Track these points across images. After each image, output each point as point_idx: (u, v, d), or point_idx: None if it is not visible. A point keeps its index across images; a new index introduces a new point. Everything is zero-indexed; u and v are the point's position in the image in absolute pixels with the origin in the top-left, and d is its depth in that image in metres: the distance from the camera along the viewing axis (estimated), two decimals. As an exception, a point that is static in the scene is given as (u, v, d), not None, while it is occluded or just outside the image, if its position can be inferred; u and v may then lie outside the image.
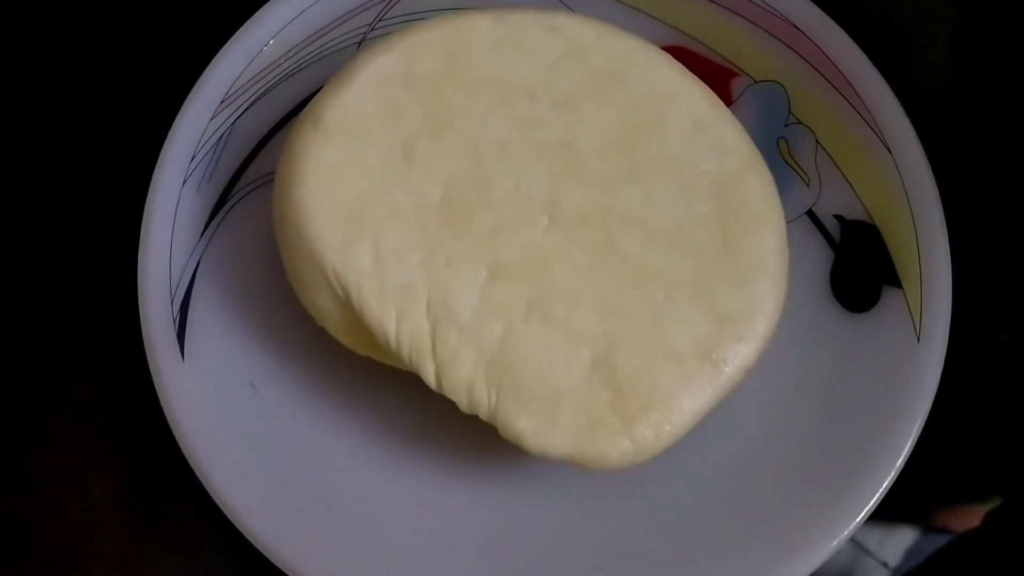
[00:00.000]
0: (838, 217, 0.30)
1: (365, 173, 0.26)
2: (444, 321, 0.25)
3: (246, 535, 0.26)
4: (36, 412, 0.29)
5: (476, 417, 0.26)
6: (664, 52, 0.28)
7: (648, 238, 0.26)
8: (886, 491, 0.27)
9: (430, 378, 0.25)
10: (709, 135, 0.27)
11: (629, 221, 0.26)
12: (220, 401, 0.27)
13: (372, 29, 0.31)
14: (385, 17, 0.31)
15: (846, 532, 0.26)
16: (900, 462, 0.27)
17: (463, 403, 0.25)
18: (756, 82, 0.31)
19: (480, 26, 0.27)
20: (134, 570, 0.28)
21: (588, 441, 0.25)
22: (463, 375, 0.25)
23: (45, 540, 0.28)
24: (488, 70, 0.27)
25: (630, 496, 0.28)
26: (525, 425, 0.25)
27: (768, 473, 0.28)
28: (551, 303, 0.26)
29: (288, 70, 0.30)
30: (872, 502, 0.27)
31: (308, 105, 0.27)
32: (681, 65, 0.28)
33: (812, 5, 0.31)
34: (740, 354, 0.26)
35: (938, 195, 0.29)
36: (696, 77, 0.28)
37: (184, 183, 0.29)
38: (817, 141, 0.30)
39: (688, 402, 0.25)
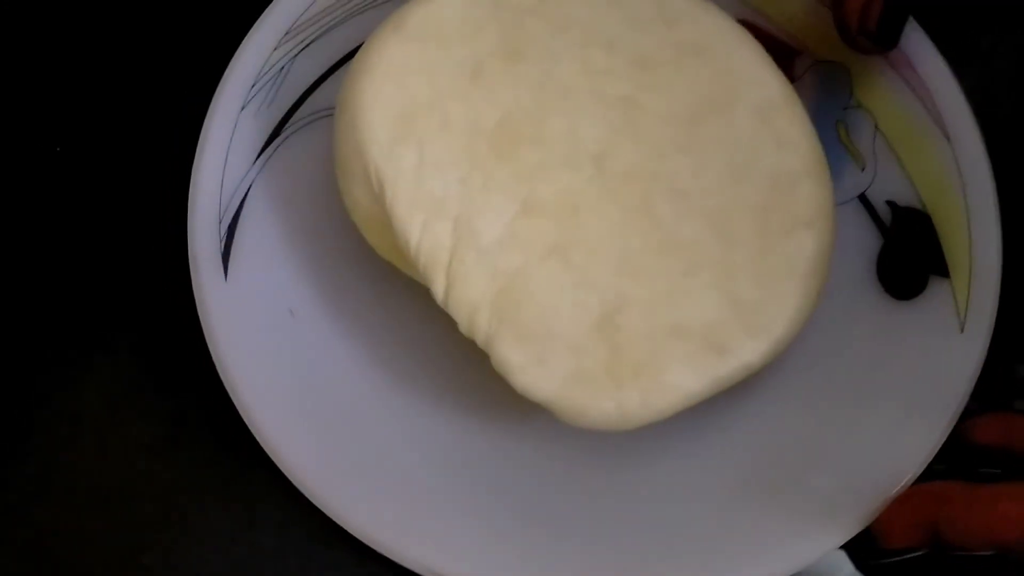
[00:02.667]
0: (890, 203, 0.30)
1: (430, 80, 0.26)
2: (466, 241, 0.25)
3: (267, 450, 0.27)
4: (81, 349, 0.30)
5: (474, 343, 0.26)
6: (750, 35, 0.28)
7: (686, 211, 0.26)
8: (913, 480, 0.26)
9: (439, 293, 0.26)
10: (774, 126, 0.27)
11: (672, 190, 0.26)
12: (258, 321, 0.28)
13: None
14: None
15: (860, 524, 0.26)
16: (931, 450, 0.26)
17: (463, 324, 0.26)
18: (820, 61, 0.31)
19: None
20: (178, 511, 0.29)
21: (572, 391, 0.25)
22: (471, 298, 0.25)
23: (90, 481, 0.29)
24: (575, 13, 0.27)
25: (654, 461, 0.28)
26: (515, 360, 0.25)
27: (800, 450, 0.28)
28: (573, 249, 0.26)
29: (352, 10, 0.31)
30: (901, 486, 0.26)
31: (397, 8, 0.27)
32: (764, 51, 0.27)
33: None
34: (747, 349, 0.25)
35: (995, 189, 0.28)
36: (776, 66, 0.27)
37: (243, 108, 0.29)
38: (876, 126, 0.30)
39: (683, 381, 0.25)
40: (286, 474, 0.27)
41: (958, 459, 0.27)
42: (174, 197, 0.29)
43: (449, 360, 0.28)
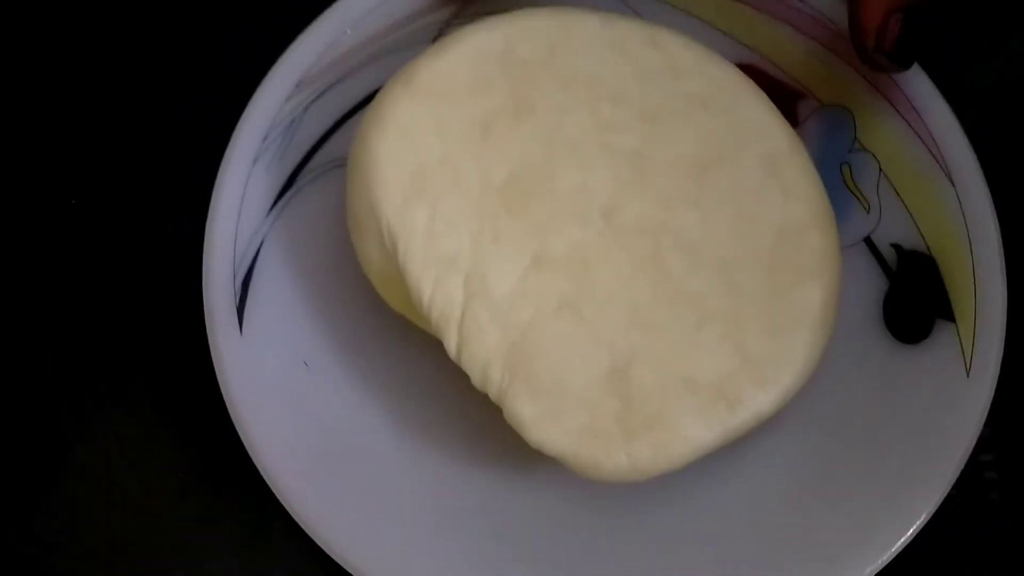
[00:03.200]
0: (896, 246, 0.30)
1: (441, 138, 0.27)
2: (478, 296, 0.26)
3: (282, 501, 0.27)
4: (99, 400, 0.30)
5: (487, 396, 0.26)
6: (756, 86, 0.28)
7: (695, 263, 0.26)
8: (922, 525, 0.27)
9: (452, 348, 0.26)
10: (782, 178, 0.27)
11: (681, 243, 0.26)
12: (273, 374, 0.28)
13: (448, 26, 0.32)
14: (462, 14, 0.32)
15: (876, 565, 0.26)
16: (940, 495, 0.27)
17: (476, 378, 0.26)
18: (823, 105, 0.31)
19: (586, 24, 0.28)
20: (196, 563, 0.29)
21: (585, 445, 0.25)
22: (483, 352, 0.26)
23: (110, 533, 0.29)
24: (584, 68, 0.27)
25: (661, 507, 0.29)
26: (528, 413, 0.25)
27: (807, 497, 0.28)
28: (584, 303, 0.26)
29: (363, 60, 0.31)
30: (908, 535, 0.27)
31: (405, 65, 0.28)
32: (770, 101, 0.28)
33: None
34: (759, 400, 0.26)
35: (999, 233, 0.29)
36: (782, 116, 0.28)
37: (255, 161, 0.29)
38: (880, 169, 0.30)
39: (695, 433, 0.25)
40: (302, 525, 0.27)
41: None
42: (187, 249, 0.29)
43: (462, 411, 0.29)
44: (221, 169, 0.29)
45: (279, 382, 0.28)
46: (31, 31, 0.33)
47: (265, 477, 0.27)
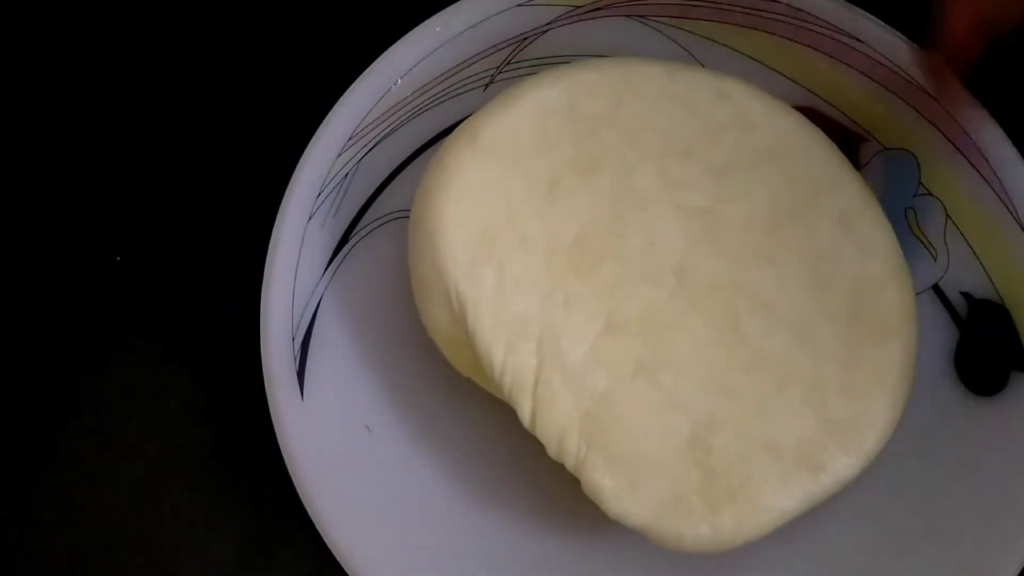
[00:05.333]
0: (965, 294, 0.29)
1: (507, 197, 0.26)
2: (551, 362, 0.25)
3: (348, 571, 0.26)
4: (155, 476, 0.30)
5: (562, 466, 0.25)
6: (826, 137, 0.27)
7: (773, 324, 0.26)
8: None
9: (525, 416, 0.25)
10: (856, 233, 0.26)
11: (757, 303, 0.26)
12: (335, 439, 0.27)
13: (499, 72, 0.31)
14: (513, 61, 0.31)
15: None
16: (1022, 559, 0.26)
17: (552, 448, 0.25)
18: (886, 149, 0.30)
19: (651, 77, 0.27)
20: None
21: (667, 517, 0.25)
22: (558, 421, 0.25)
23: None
24: (650, 122, 0.27)
25: (733, 567, 0.28)
26: (608, 485, 0.25)
27: (886, 563, 0.27)
28: (660, 368, 0.25)
29: (415, 110, 0.30)
30: None
31: (466, 120, 0.27)
32: (841, 153, 0.27)
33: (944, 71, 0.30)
34: (842, 465, 0.25)
35: None
36: (854, 168, 0.27)
37: (310, 218, 0.29)
38: (947, 214, 0.30)
39: (778, 502, 0.25)
40: None
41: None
42: (244, 312, 0.28)
43: (530, 476, 0.28)
44: (275, 230, 0.28)
45: (342, 448, 0.27)
46: (35, 43, 0.33)
47: (330, 546, 0.27)
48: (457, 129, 0.27)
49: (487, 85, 0.31)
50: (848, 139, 0.30)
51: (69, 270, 0.31)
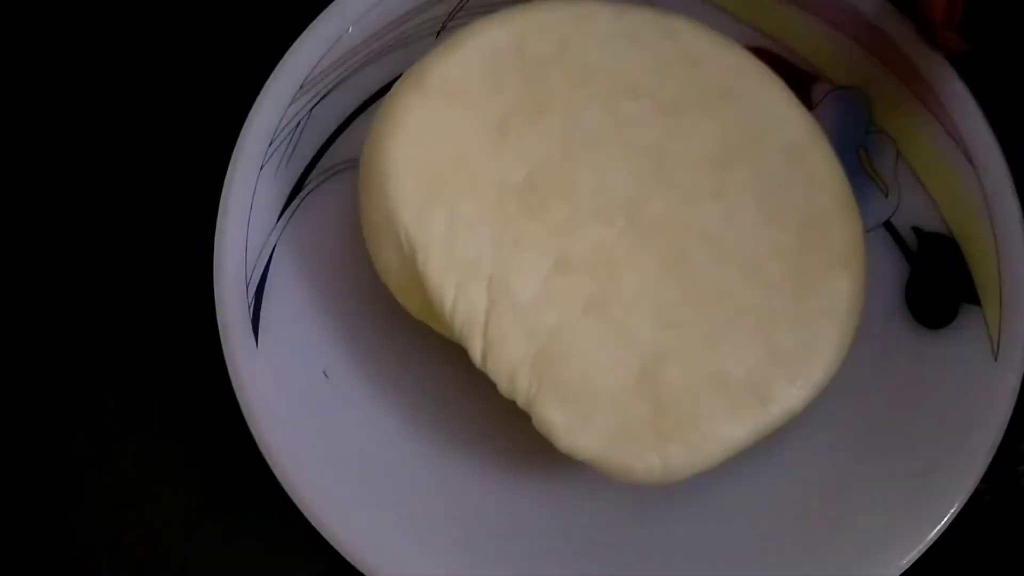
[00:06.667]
0: (916, 229, 0.30)
1: (456, 140, 0.26)
2: (501, 301, 0.25)
3: (312, 522, 0.26)
4: (113, 420, 0.30)
5: (514, 403, 0.26)
6: (774, 73, 0.27)
7: (721, 259, 0.26)
8: (954, 516, 0.26)
9: (476, 355, 0.26)
10: (804, 167, 0.26)
11: (706, 238, 0.26)
12: (292, 385, 0.27)
13: (451, 19, 0.31)
14: (465, 7, 0.31)
15: (911, 555, 0.26)
16: (971, 485, 0.27)
17: (503, 386, 0.25)
18: (837, 87, 0.31)
19: (599, 16, 0.27)
20: None
21: (617, 449, 0.25)
22: (509, 358, 0.25)
23: (130, 557, 0.29)
24: (599, 61, 0.27)
25: (683, 504, 0.28)
26: (558, 420, 0.25)
27: (836, 491, 0.27)
28: (610, 304, 0.25)
29: (366, 57, 0.30)
30: (939, 527, 0.26)
31: (414, 64, 0.27)
32: (789, 89, 0.27)
33: (896, 10, 0.30)
34: (789, 396, 0.25)
35: (1021, 212, 0.28)
36: (802, 104, 0.27)
37: (262, 167, 0.29)
38: (898, 151, 0.30)
39: (727, 432, 0.25)
40: (328, 539, 0.27)
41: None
42: (197, 261, 0.28)
43: (486, 417, 0.28)
44: (227, 177, 0.28)
45: (299, 393, 0.28)
46: (31, 35, 0.32)
47: (288, 491, 0.27)
48: (405, 73, 0.27)
49: (439, 32, 0.31)
50: (799, 79, 0.30)
51: (75, 288, 0.31)
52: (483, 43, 0.27)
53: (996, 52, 0.32)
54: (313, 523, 0.27)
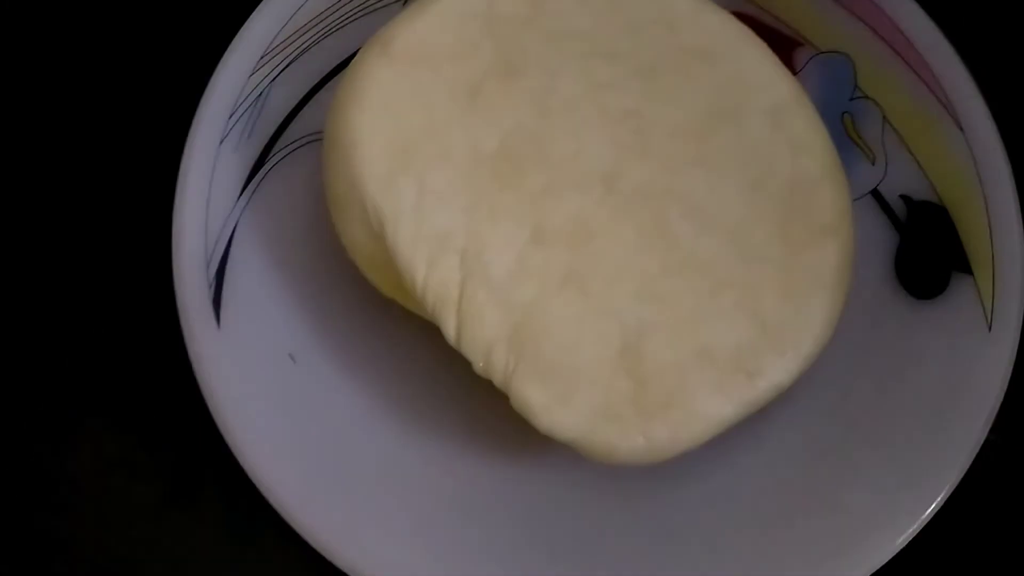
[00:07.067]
0: (905, 197, 0.29)
1: (425, 106, 0.25)
2: (476, 275, 0.24)
3: (280, 512, 0.25)
4: (69, 411, 0.28)
5: (490, 382, 0.24)
6: (755, 35, 0.26)
7: (704, 228, 0.25)
8: (952, 490, 0.26)
9: (450, 332, 0.24)
10: (788, 131, 0.25)
11: (688, 207, 0.25)
12: (256, 370, 0.26)
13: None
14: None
15: (906, 535, 0.25)
16: (967, 458, 0.26)
17: (479, 365, 0.24)
18: (820, 52, 0.29)
19: None
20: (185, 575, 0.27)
21: (600, 428, 0.24)
22: (484, 335, 0.24)
23: (91, 551, 0.27)
24: (573, 23, 0.25)
25: (668, 483, 0.27)
26: (537, 399, 0.24)
27: (829, 467, 0.27)
28: (589, 276, 0.24)
29: (331, 26, 0.29)
30: (936, 502, 0.25)
31: (381, 28, 0.26)
32: (771, 51, 0.26)
33: None
34: (778, 370, 0.24)
35: (1012, 176, 0.27)
36: (784, 67, 0.26)
37: (222, 141, 0.27)
38: (884, 117, 0.29)
39: (713, 409, 0.24)
40: (296, 529, 0.25)
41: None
42: (156, 242, 0.27)
43: (463, 399, 0.27)
44: (185, 153, 0.27)
45: (263, 378, 0.26)
46: None
47: (254, 480, 0.25)
48: (370, 38, 0.26)
49: (406, 0, 0.29)
50: (781, 44, 0.29)
51: (29, 275, 0.30)
52: (451, 5, 0.25)
53: (980, 8, 0.32)
54: (282, 514, 0.25)
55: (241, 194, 0.27)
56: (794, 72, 0.29)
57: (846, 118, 0.29)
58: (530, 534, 0.26)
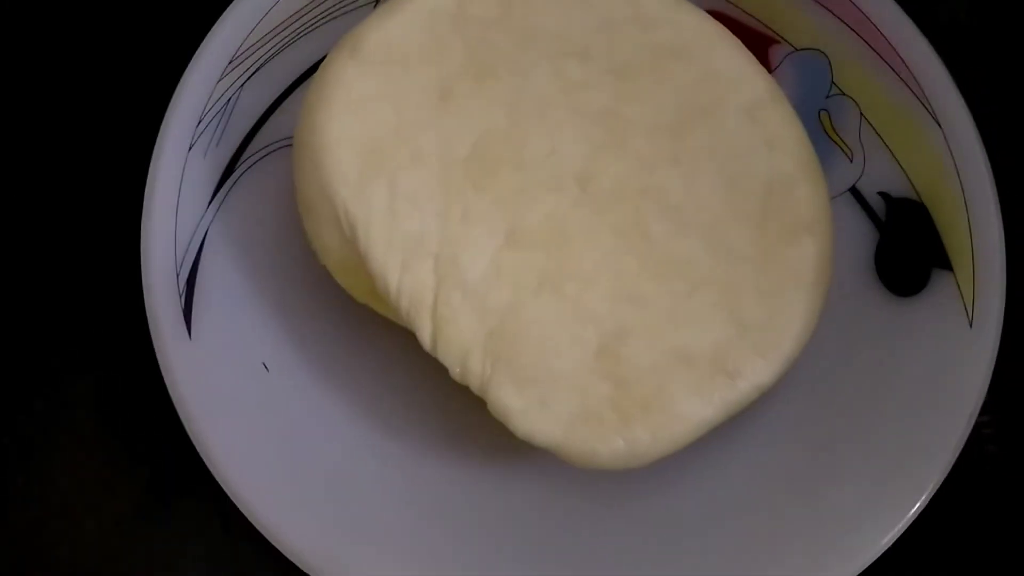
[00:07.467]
0: (883, 194, 0.28)
1: (396, 109, 0.24)
2: (450, 279, 0.24)
3: (255, 524, 0.25)
4: (40, 422, 0.28)
5: (467, 389, 0.24)
6: (729, 32, 0.26)
7: (681, 227, 0.24)
8: (936, 489, 0.25)
9: (425, 338, 0.24)
10: (764, 128, 0.25)
11: (664, 206, 0.25)
12: (229, 381, 0.26)
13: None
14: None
15: (891, 534, 0.25)
16: (951, 456, 0.25)
17: (455, 371, 0.24)
18: (796, 50, 0.29)
19: None
20: None
21: (579, 433, 0.23)
22: (460, 341, 0.24)
23: (66, 567, 0.27)
24: (544, 23, 0.25)
25: (650, 486, 0.27)
26: (515, 404, 0.23)
27: (812, 468, 0.26)
28: (566, 279, 0.24)
29: (299, 31, 0.28)
30: (922, 499, 0.25)
31: (351, 30, 0.25)
32: (745, 48, 0.26)
33: None
34: (758, 370, 0.24)
35: (991, 172, 0.27)
36: (759, 63, 0.26)
37: (190, 148, 0.27)
38: (861, 113, 0.29)
39: (694, 411, 0.24)
40: (272, 540, 0.25)
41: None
42: (123, 250, 0.26)
43: (439, 405, 0.27)
44: (153, 161, 0.26)
45: (236, 388, 0.26)
46: None
47: (228, 491, 0.25)
48: (339, 40, 0.25)
49: (376, 3, 0.29)
50: (757, 41, 0.29)
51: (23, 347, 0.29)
52: (421, 6, 0.25)
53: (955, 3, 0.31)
54: (256, 526, 0.25)
55: (211, 202, 0.27)
56: (770, 70, 0.29)
57: (823, 115, 0.29)
58: (513, 540, 0.26)
